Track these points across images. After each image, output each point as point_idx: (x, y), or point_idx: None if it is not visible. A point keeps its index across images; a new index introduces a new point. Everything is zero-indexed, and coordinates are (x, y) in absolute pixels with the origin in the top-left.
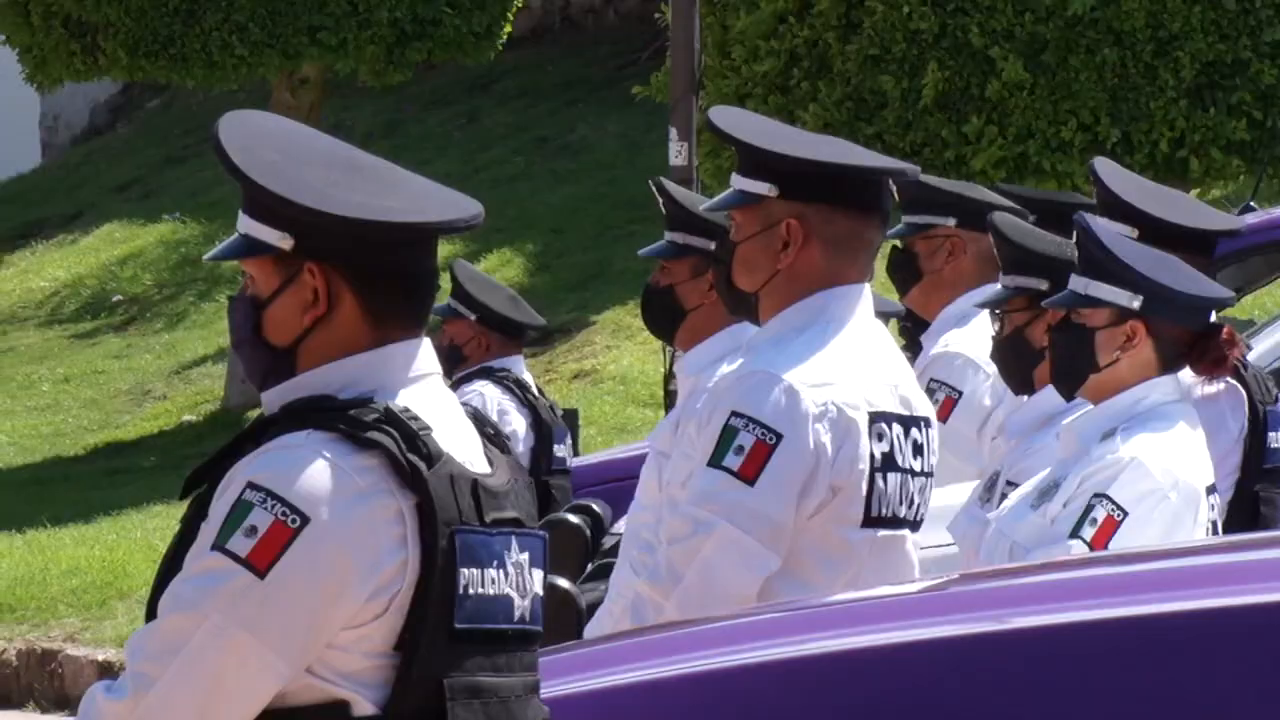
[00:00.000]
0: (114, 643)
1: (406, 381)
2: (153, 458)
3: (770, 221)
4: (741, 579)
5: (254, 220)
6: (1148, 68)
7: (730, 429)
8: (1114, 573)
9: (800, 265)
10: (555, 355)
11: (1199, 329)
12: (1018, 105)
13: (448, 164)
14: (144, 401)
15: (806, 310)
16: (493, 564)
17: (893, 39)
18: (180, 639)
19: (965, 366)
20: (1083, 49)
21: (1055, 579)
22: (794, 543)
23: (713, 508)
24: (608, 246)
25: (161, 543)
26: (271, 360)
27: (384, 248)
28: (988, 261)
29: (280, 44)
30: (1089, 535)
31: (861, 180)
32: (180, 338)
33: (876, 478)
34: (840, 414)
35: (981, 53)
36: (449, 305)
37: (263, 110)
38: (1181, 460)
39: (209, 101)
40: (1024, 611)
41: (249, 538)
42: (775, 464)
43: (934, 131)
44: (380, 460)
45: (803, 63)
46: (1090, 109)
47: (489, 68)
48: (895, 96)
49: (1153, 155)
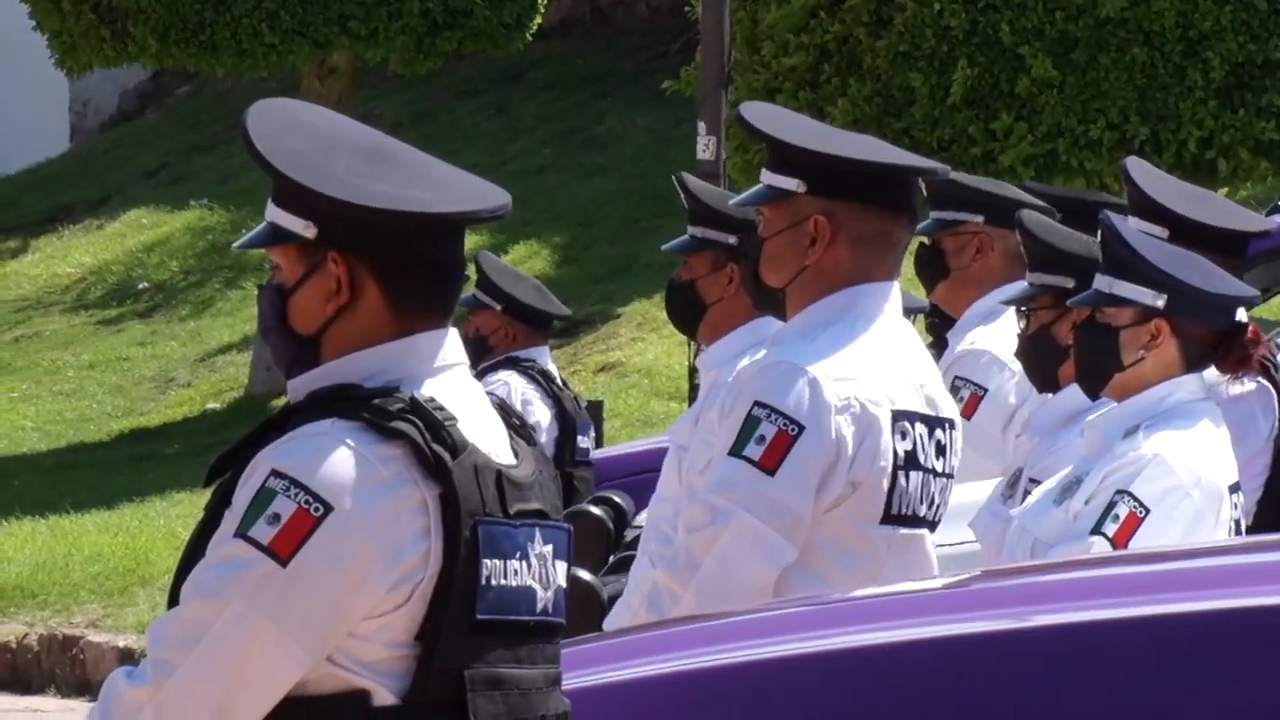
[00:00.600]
0: (135, 629)
1: (432, 371)
2: (176, 445)
3: (798, 218)
4: (759, 569)
5: (280, 209)
6: (1177, 68)
7: (753, 419)
8: (1136, 571)
9: (827, 262)
10: (580, 347)
11: (1224, 328)
12: (1047, 103)
13: (476, 155)
14: (168, 388)
15: (833, 306)
16: (515, 555)
17: (923, 35)
18: (202, 626)
19: (991, 364)
20: (1113, 48)
21: (1077, 577)
22: (811, 536)
23: (732, 496)
24: (634, 240)
25: (184, 530)
26: (297, 348)
27: (408, 237)
28: (1015, 259)
29: (310, 32)
30: (1111, 532)
31: (891, 178)
32: (205, 325)
33: (899, 475)
34: (863, 409)
35: (1011, 50)
36: (474, 296)
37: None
38: (1204, 458)
39: (238, 89)
40: (1045, 609)
41: (272, 525)
42: (796, 455)
43: (962, 128)
44: (404, 450)
45: (832, 58)
46: (1119, 108)
47: (518, 59)
48: (924, 93)
49: (1180, 155)
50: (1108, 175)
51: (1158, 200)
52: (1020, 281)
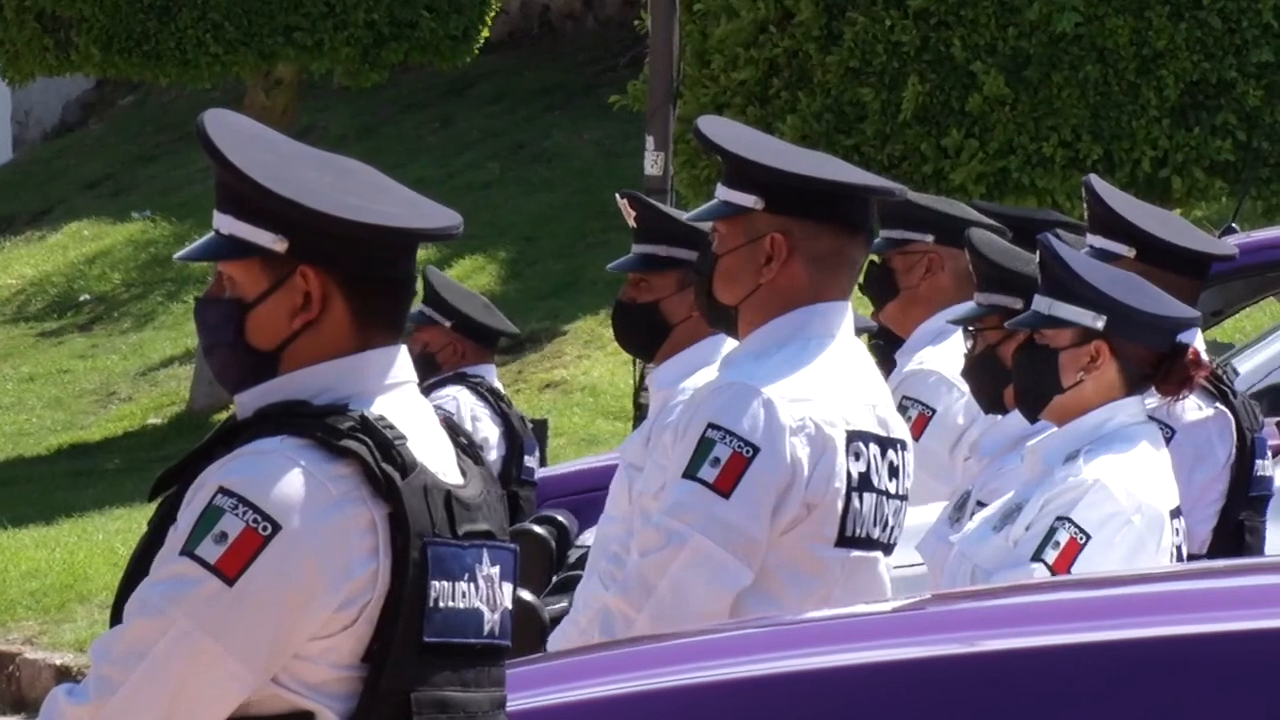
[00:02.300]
0: (73, 647)
1: (383, 389)
2: (116, 460)
3: (754, 235)
4: (713, 592)
5: (241, 221)
6: (1131, 85)
7: (707, 441)
8: (1090, 596)
9: (783, 280)
10: (525, 365)
11: (1164, 349)
12: (999, 120)
13: (421, 168)
14: (109, 402)
15: (787, 325)
16: (464, 577)
17: (874, 51)
18: (145, 644)
19: (939, 384)
20: (1066, 65)
21: (1031, 601)
22: (766, 559)
23: (686, 519)
24: (581, 256)
25: (124, 547)
26: (252, 364)
27: (377, 252)
28: (965, 279)
29: (255, 43)
30: (1051, 559)
31: (849, 197)
32: (147, 338)
33: (853, 497)
34: (818, 430)
35: (963, 67)
36: (421, 312)
37: (236, 110)
38: (1145, 483)
39: (182, 100)
40: (997, 634)
41: (219, 544)
42: (751, 477)
43: (913, 145)
44: (354, 469)
45: (782, 73)
46: (1072, 126)
47: (465, 72)
48: (875, 109)
49: (1134, 174)
50: (1060, 194)
51: (1127, 218)
52: (969, 302)
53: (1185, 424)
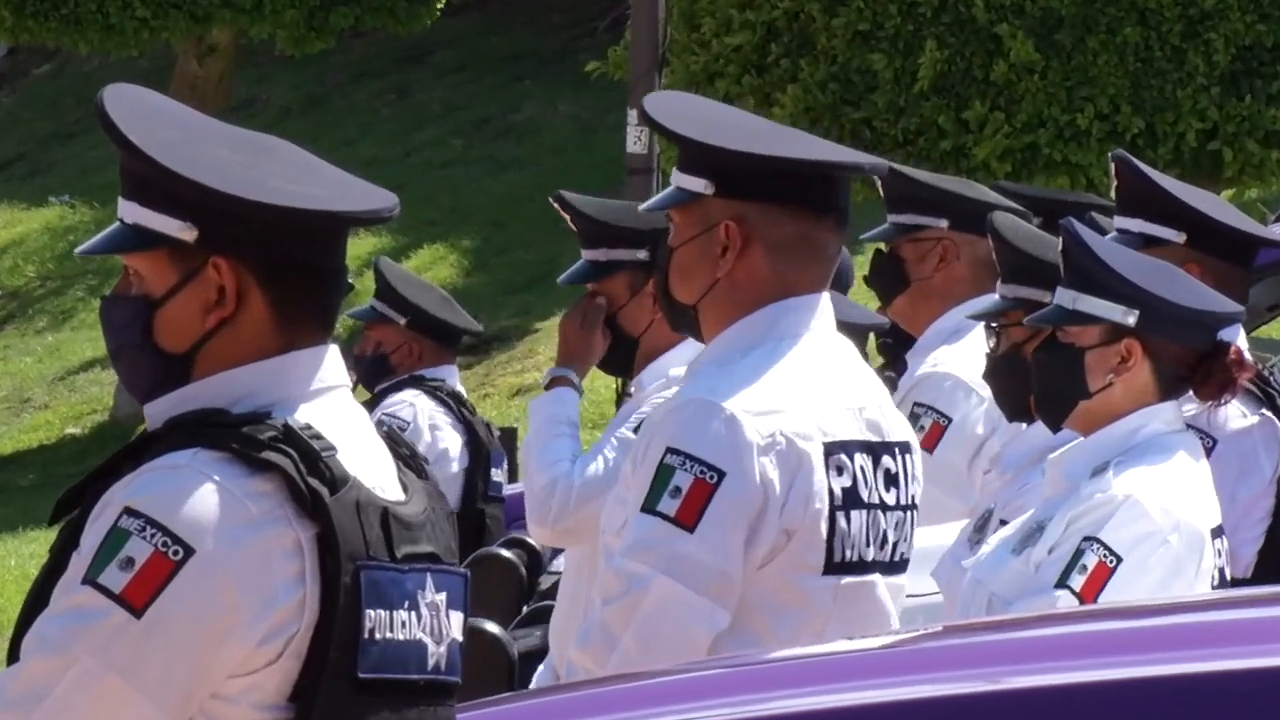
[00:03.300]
0: None
1: (309, 394)
2: (31, 475)
3: (708, 223)
4: (685, 640)
5: (146, 208)
6: (1176, 50)
7: (665, 468)
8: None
9: (741, 273)
10: (492, 367)
11: (1203, 348)
12: (1027, 90)
13: (375, 145)
14: (22, 411)
15: (753, 326)
16: (403, 605)
17: (885, 12)
18: (45, 684)
19: (956, 389)
20: (1102, 28)
21: (1056, 633)
22: (745, 596)
23: (648, 560)
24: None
25: (37, 572)
26: (163, 369)
27: (302, 240)
28: (985, 269)
29: (187, 5)
30: (1078, 584)
31: (809, 176)
32: (65, 339)
33: (837, 517)
34: (790, 445)
35: (986, 29)
36: (373, 308)
37: (167, 81)
38: (1183, 498)
39: (105, 69)
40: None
41: (125, 571)
42: (717, 506)
43: (930, 118)
44: (276, 484)
45: (782, 37)
46: (1109, 96)
47: (424, 37)
48: (887, 78)
49: (1179, 149)
50: (1095, 171)
51: (1179, 197)
52: (991, 294)
53: (1228, 433)
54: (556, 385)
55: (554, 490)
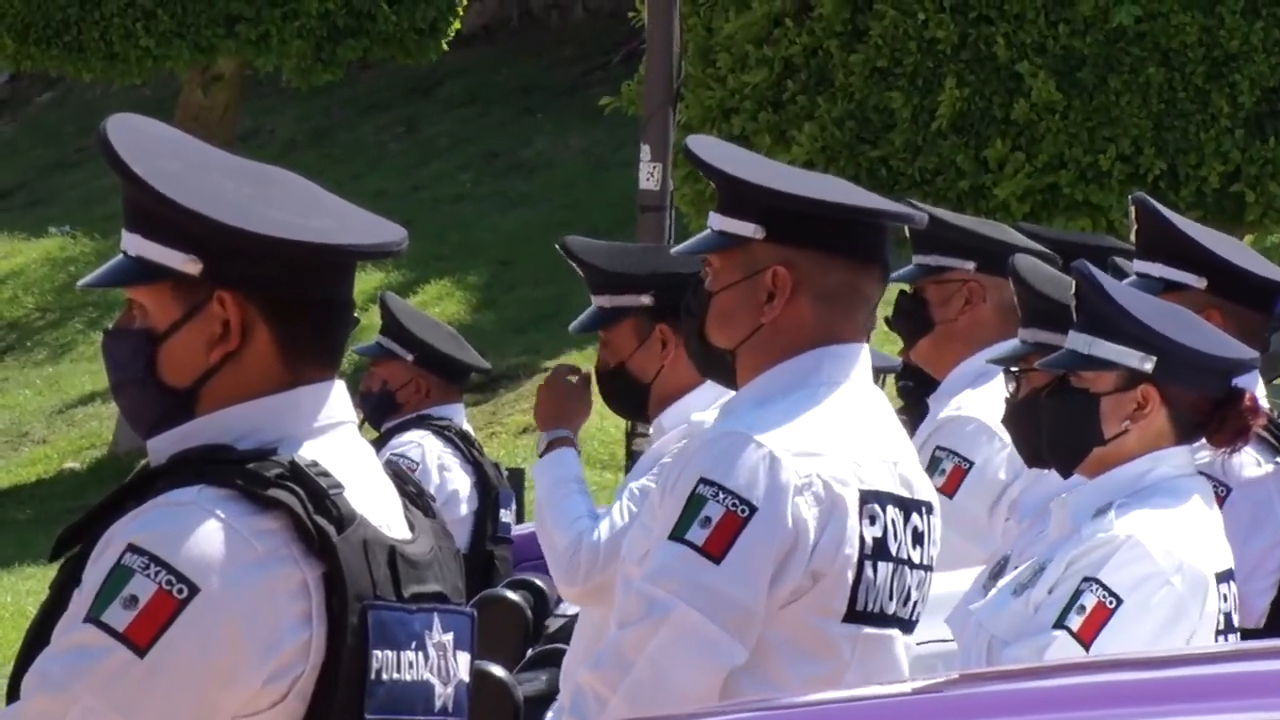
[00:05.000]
0: None
1: (315, 431)
2: (29, 510)
3: (754, 268)
4: (700, 672)
5: (150, 240)
6: (1199, 91)
7: (697, 498)
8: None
9: (786, 320)
10: (500, 405)
11: (1218, 395)
12: (1048, 129)
13: (382, 179)
14: (21, 445)
15: (795, 370)
16: (411, 645)
17: (904, 49)
18: None
19: (978, 433)
20: (1125, 68)
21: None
22: (763, 635)
23: (670, 587)
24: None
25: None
26: (166, 404)
27: (308, 274)
28: (1010, 312)
29: (192, 35)
30: (1076, 625)
31: (862, 225)
32: (65, 371)
33: (865, 566)
34: (827, 489)
35: (1008, 68)
36: (379, 344)
37: (171, 111)
38: (1187, 541)
39: (108, 98)
40: None
41: (128, 609)
42: (746, 540)
43: (949, 157)
44: (282, 523)
45: (799, 74)
46: (1132, 137)
47: (432, 69)
48: (905, 116)
49: (1201, 191)
50: (1116, 213)
51: (1200, 242)
52: (1013, 340)
53: (1241, 481)
54: (554, 448)
55: (579, 548)
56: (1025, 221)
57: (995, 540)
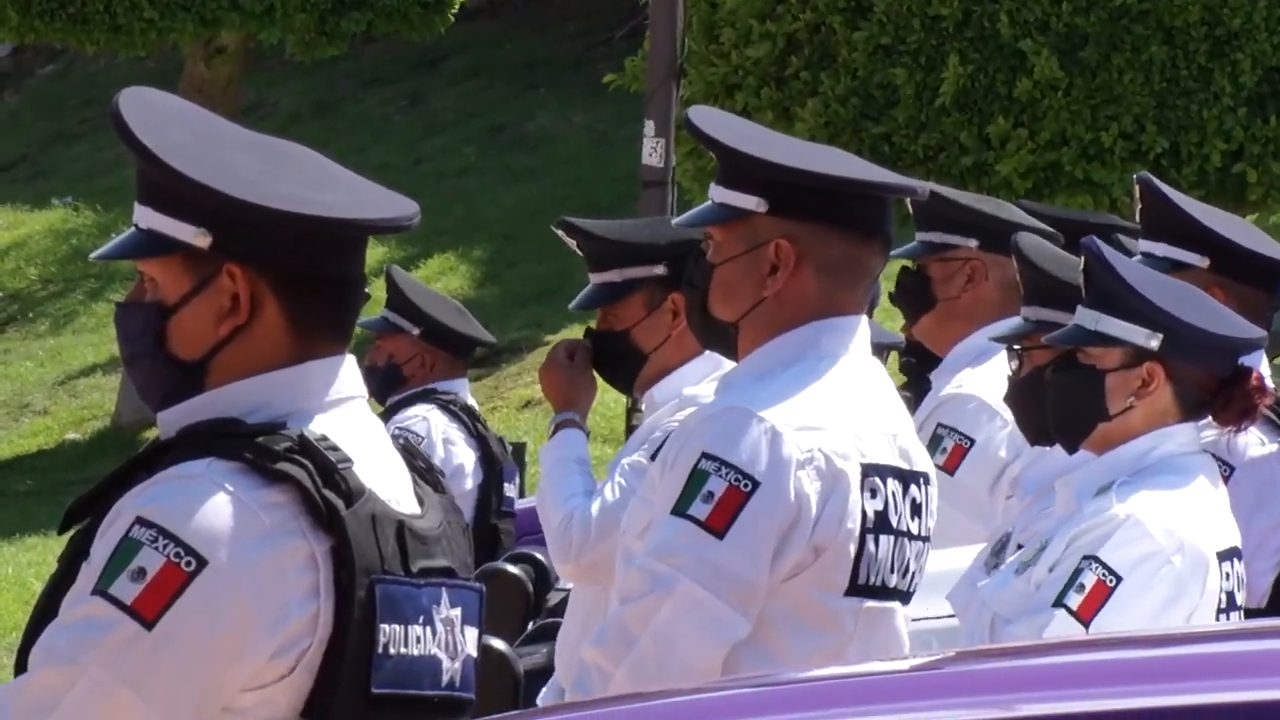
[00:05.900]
0: None
1: (325, 405)
2: (30, 481)
3: (756, 241)
4: (704, 646)
5: (161, 213)
6: (1202, 70)
7: (700, 473)
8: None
9: (789, 293)
10: (502, 379)
11: (1224, 373)
12: (1051, 107)
13: (386, 152)
14: (22, 416)
15: (794, 343)
16: (418, 620)
17: (908, 26)
18: (53, 697)
19: (979, 411)
20: (1128, 46)
21: (1072, 660)
22: (765, 609)
23: (674, 561)
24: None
25: (36, 580)
26: (176, 377)
27: (319, 248)
28: (1013, 290)
29: (196, 7)
30: (1075, 604)
31: (865, 198)
32: (67, 343)
33: (867, 539)
34: (829, 463)
35: (1010, 45)
36: (384, 318)
37: (175, 83)
38: (1188, 519)
39: (111, 70)
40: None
41: (136, 582)
42: (749, 515)
43: (952, 134)
44: (291, 496)
45: (802, 50)
46: (1134, 115)
47: (436, 43)
48: (908, 93)
49: (1203, 170)
50: (1118, 191)
51: (1202, 222)
52: (1016, 317)
53: (1245, 461)
54: (562, 430)
55: (571, 524)
56: (1027, 199)
57: (996, 518)
